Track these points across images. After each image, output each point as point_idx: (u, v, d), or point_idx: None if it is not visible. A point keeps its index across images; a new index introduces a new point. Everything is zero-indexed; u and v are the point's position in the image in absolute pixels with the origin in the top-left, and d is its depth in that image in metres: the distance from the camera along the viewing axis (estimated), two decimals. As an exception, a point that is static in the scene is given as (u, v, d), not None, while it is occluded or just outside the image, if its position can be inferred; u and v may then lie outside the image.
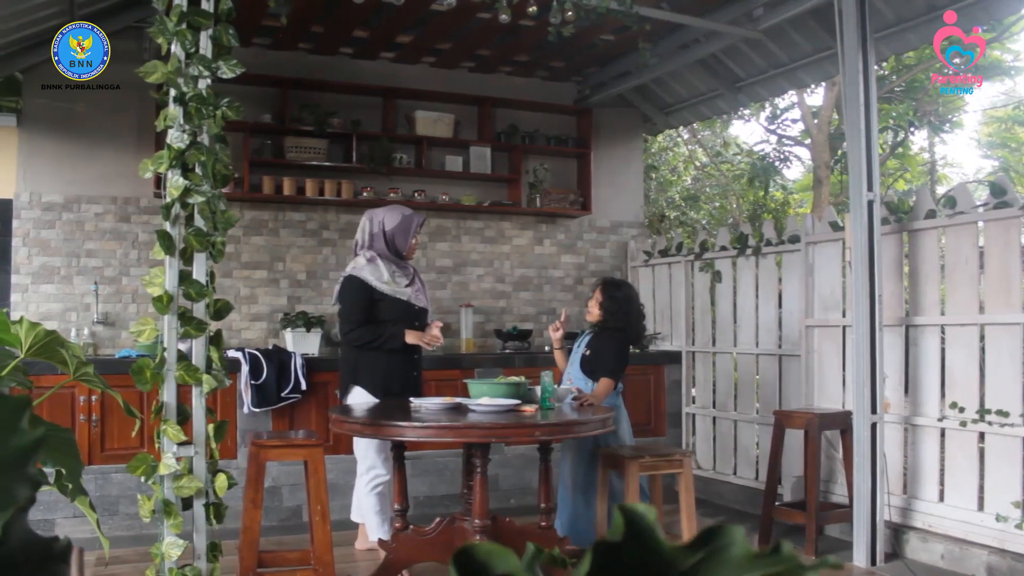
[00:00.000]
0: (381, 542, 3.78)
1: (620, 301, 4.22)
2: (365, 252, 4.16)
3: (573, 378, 4.28)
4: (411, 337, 4.09)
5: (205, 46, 2.85)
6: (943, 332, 4.47)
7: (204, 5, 2.85)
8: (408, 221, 4.21)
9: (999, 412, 4.04)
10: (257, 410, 4.83)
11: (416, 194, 6.00)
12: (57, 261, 5.34)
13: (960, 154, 22.22)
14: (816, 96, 10.43)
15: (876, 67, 5.34)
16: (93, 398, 4.62)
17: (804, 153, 11.47)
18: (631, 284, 4.43)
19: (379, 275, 4.10)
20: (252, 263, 5.71)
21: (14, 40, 4.84)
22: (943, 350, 4.44)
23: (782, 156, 10.95)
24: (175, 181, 2.76)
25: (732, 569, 0.57)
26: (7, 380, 1.67)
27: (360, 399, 4.06)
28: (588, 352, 4.27)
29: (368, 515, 4.17)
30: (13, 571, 0.65)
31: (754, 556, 0.56)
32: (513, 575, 0.55)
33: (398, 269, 4.18)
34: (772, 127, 10.64)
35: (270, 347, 5.33)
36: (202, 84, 2.83)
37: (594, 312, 4.29)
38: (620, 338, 4.23)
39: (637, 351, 5.95)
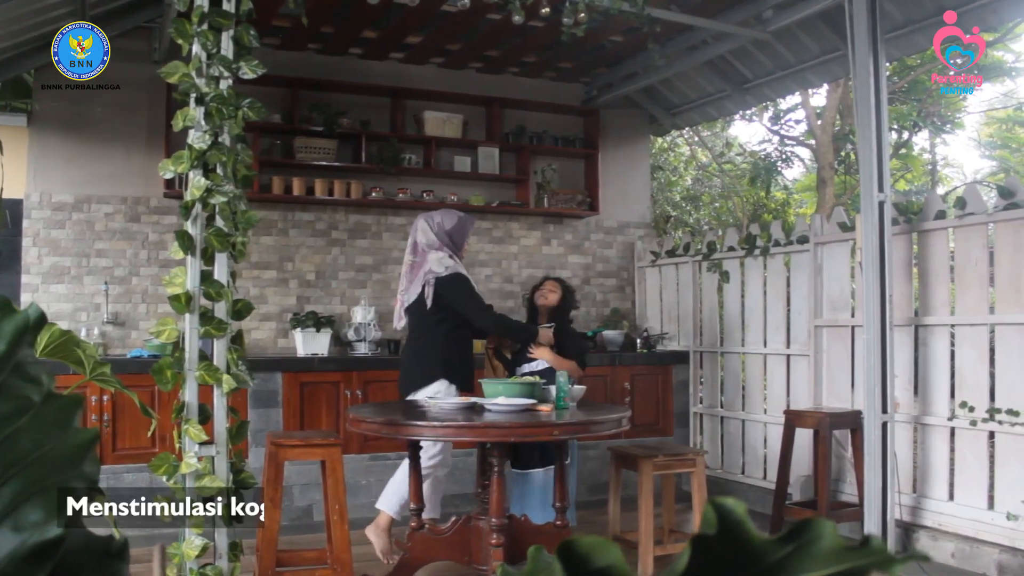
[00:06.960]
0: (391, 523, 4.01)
1: (572, 292, 4.59)
2: (444, 250, 4.16)
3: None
4: (544, 338, 4.26)
5: (226, 46, 2.86)
6: (952, 332, 4.50)
7: (225, 6, 2.86)
8: (465, 222, 4.29)
9: (1009, 411, 4.06)
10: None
11: (425, 194, 6.02)
12: (67, 261, 5.34)
13: (960, 155, 22.28)
14: (819, 97, 10.46)
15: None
16: (105, 398, 4.63)
17: (805, 153, 11.49)
18: None
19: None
20: (261, 263, 5.71)
21: (25, 40, 4.84)
22: (952, 350, 4.47)
23: (783, 156, 10.96)
24: (197, 181, 2.76)
25: (822, 561, 0.58)
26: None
27: (438, 391, 4.05)
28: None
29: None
30: (76, 569, 0.66)
31: (844, 549, 0.57)
32: (615, 567, 0.57)
33: None
34: (775, 127, 10.66)
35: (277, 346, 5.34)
36: (223, 85, 2.84)
37: (552, 298, 4.49)
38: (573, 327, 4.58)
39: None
